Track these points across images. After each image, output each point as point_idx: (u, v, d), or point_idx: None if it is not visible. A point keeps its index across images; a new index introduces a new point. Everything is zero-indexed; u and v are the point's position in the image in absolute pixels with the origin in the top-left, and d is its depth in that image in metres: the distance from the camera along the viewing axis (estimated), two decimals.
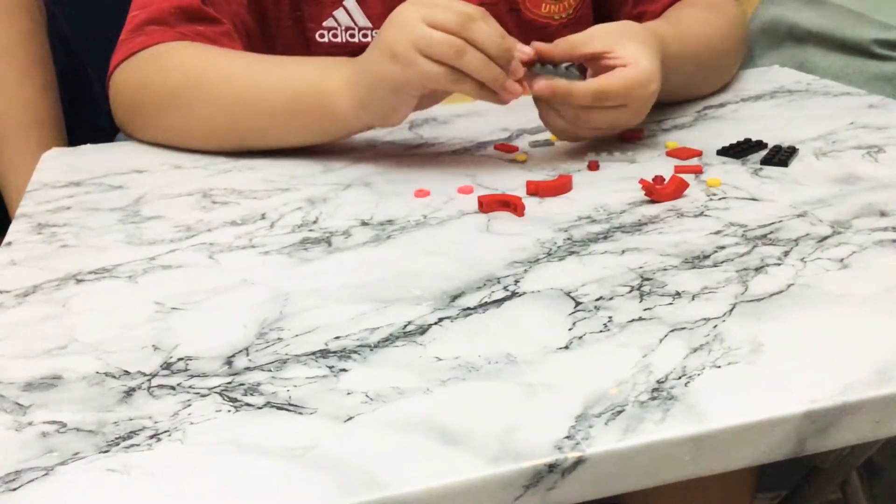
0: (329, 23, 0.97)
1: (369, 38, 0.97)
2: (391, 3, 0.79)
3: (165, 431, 0.46)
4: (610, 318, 0.55)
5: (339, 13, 0.97)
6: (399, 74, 0.76)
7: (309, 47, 0.98)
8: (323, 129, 0.85)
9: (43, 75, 1.11)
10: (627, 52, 0.80)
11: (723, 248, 0.64)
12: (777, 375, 0.49)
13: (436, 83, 0.76)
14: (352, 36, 0.98)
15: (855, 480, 1.10)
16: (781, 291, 0.57)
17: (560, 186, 0.75)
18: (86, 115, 1.21)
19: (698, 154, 0.83)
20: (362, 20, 0.98)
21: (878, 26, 1.09)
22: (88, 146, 0.94)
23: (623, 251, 0.64)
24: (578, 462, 0.43)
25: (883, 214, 0.68)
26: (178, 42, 0.89)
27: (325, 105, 0.82)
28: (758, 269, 0.60)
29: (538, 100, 0.81)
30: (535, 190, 0.75)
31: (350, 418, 0.46)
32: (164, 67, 0.88)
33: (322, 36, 0.98)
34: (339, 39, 0.98)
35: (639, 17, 1.06)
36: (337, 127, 0.84)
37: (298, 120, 0.84)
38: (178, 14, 0.90)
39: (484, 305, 0.57)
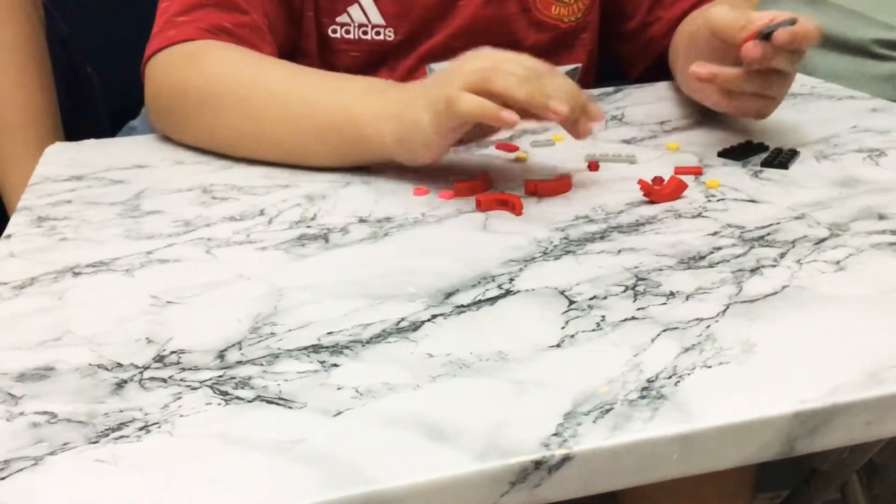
0: (342, 18, 0.98)
1: (382, 36, 0.98)
2: (406, 1, 0.78)
3: (155, 423, 0.46)
4: (603, 317, 0.55)
5: (354, 10, 0.97)
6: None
7: (323, 41, 0.99)
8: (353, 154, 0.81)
9: (40, 76, 1.11)
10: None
11: (719, 249, 0.64)
12: (768, 376, 0.49)
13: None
14: (364, 33, 0.98)
15: (854, 483, 1.10)
16: (776, 293, 0.57)
17: (559, 186, 0.75)
18: (84, 116, 1.21)
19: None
20: (376, 17, 0.98)
21: (878, 26, 1.09)
22: (91, 141, 0.95)
23: (619, 251, 0.64)
24: (565, 459, 0.43)
25: (881, 217, 0.68)
26: (214, 42, 0.87)
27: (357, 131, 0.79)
28: (753, 271, 0.60)
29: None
30: (534, 189, 0.75)
31: (339, 413, 0.46)
32: (201, 67, 0.86)
33: (335, 31, 0.98)
34: (351, 36, 0.98)
35: (652, 24, 1.06)
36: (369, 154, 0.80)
37: (327, 145, 0.81)
38: (210, 3, 0.89)
39: (478, 303, 0.57)
